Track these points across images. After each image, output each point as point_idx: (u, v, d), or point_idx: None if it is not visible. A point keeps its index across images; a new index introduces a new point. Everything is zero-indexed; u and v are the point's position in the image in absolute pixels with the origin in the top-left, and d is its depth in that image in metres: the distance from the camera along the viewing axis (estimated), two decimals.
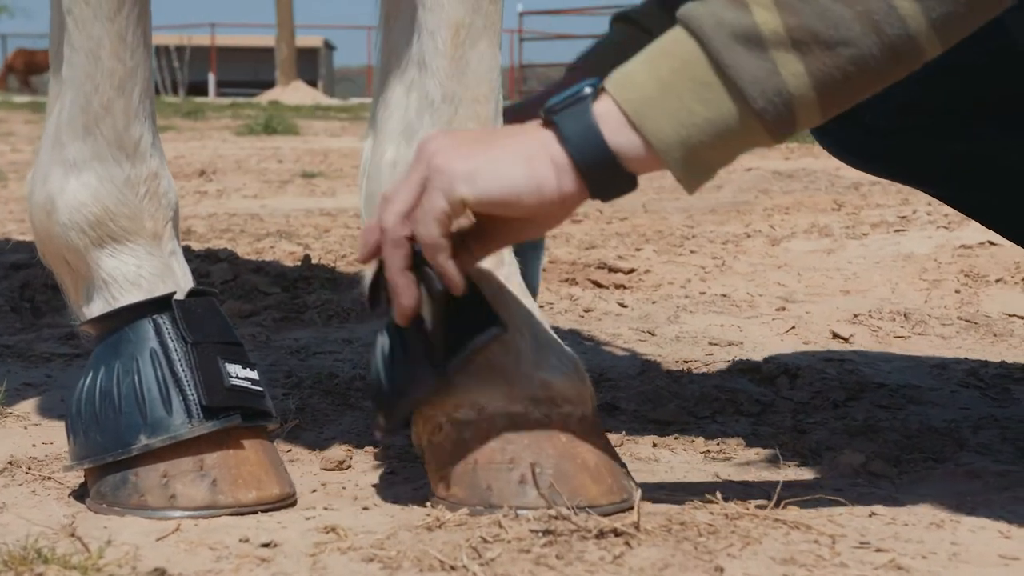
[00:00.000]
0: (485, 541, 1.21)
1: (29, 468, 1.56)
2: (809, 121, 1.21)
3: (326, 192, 5.39)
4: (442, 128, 1.42)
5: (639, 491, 1.41)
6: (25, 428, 1.80)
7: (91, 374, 1.43)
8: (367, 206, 1.49)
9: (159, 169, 1.47)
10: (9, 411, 1.87)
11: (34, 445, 1.70)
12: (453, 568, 1.15)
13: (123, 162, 1.43)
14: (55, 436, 1.74)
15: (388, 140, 1.46)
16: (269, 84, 27.28)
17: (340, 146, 8.60)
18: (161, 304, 1.43)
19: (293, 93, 22.07)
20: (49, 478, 1.53)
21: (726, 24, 1.16)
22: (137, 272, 1.45)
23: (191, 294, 1.46)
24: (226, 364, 1.42)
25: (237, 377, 1.43)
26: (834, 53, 1.17)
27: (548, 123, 1.22)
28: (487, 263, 1.41)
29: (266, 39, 32.14)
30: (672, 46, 1.19)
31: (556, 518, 1.25)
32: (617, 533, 1.23)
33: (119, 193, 1.43)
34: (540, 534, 1.23)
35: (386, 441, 1.49)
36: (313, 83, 28.75)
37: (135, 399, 1.39)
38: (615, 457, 1.42)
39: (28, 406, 1.93)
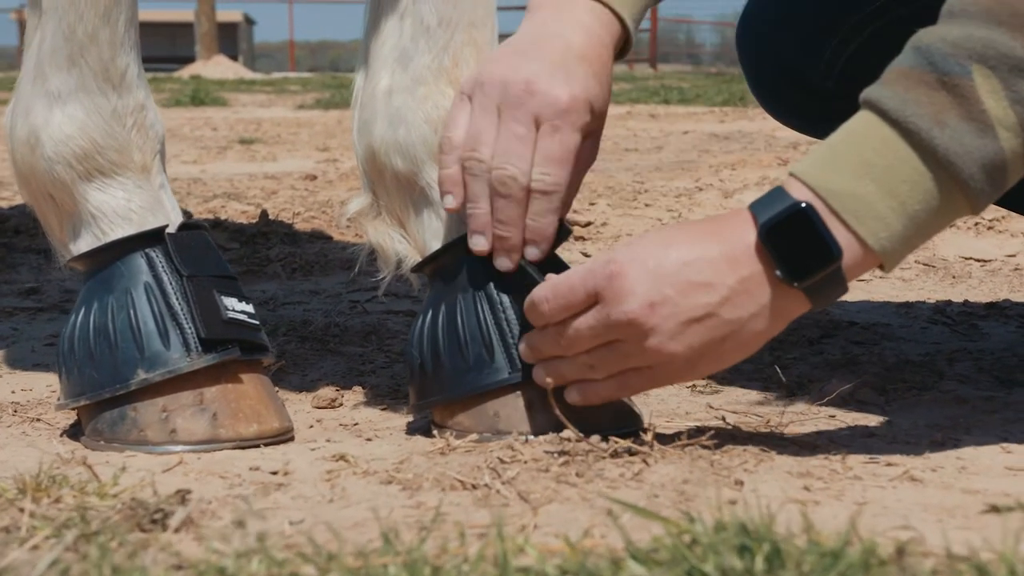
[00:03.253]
0: (502, 462, 1.20)
1: (15, 411, 1.53)
2: None
3: (267, 157, 5.32)
4: (437, 54, 1.40)
5: (642, 415, 1.41)
6: (1, 377, 1.76)
7: (83, 310, 1.40)
8: (360, 135, 1.46)
9: (145, 101, 1.44)
10: None
11: (13, 392, 1.66)
12: (475, 487, 1.14)
13: (109, 93, 1.40)
14: (33, 383, 1.70)
15: (382, 67, 1.44)
16: (189, 59, 26.88)
17: (272, 115, 8.50)
18: (154, 237, 1.40)
19: (215, 68, 21.74)
20: (38, 419, 1.49)
21: (976, 156, 1.12)
22: (127, 206, 1.41)
23: (183, 227, 1.44)
24: (222, 297, 1.40)
25: (234, 310, 1.40)
26: None
27: (796, 291, 1.19)
28: None
29: (185, 14, 31.66)
30: (910, 173, 1.14)
31: (568, 440, 1.25)
32: (632, 452, 1.23)
33: (106, 125, 1.40)
34: (556, 455, 1.22)
35: (416, 416, 1.47)
36: (234, 58, 28.37)
37: (131, 333, 1.36)
38: None
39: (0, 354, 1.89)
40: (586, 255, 2.81)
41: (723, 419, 1.49)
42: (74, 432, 1.43)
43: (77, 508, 0.99)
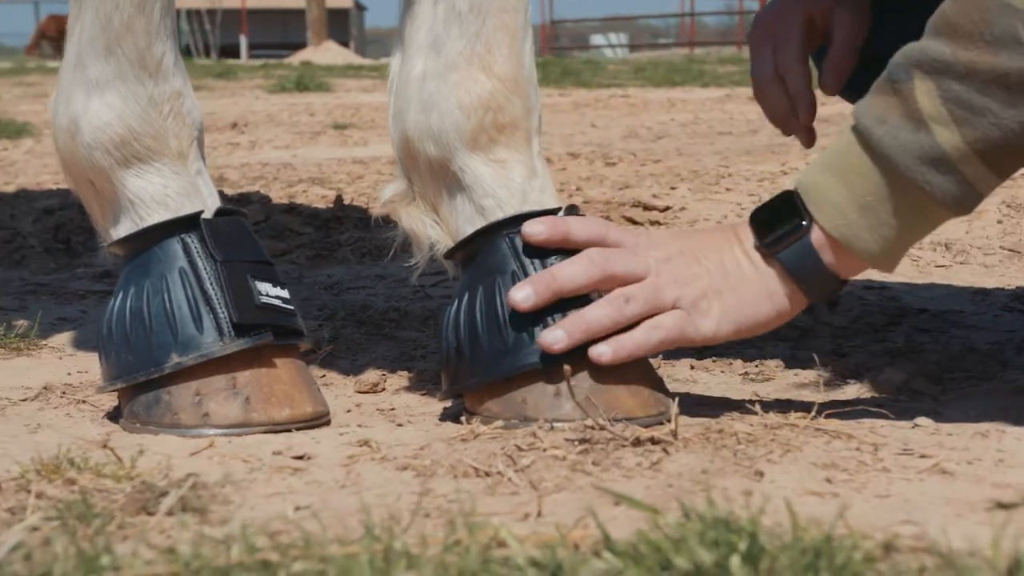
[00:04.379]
0: (520, 449, 1.19)
1: (64, 392, 1.56)
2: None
3: (358, 142, 5.36)
4: (470, 40, 1.39)
5: (676, 404, 1.39)
6: (60, 358, 1.79)
7: (121, 295, 1.42)
8: (394, 121, 1.46)
9: (182, 88, 1.45)
10: (44, 343, 1.87)
11: (69, 373, 1.69)
12: (488, 474, 1.14)
13: (146, 81, 1.41)
14: (90, 365, 1.73)
15: (416, 53, 1.43)
16: (300, 45, 27.21)
17: (372, 100, 8.56)
18: (189, 223, 1.41)
19: (324, 53, 21.99)
20: (83, 401, 1.52)
21: (910, 148, 1.26)
22: (163, 192, 1.43)
23: (219, 213, 1.45)
24: (256, 282, 1.41)
25: (267, 295, 1.41)
26: (1018, 153, 1.26)
27: (772, 258, 1.35)
28: (522, 174, 1.40)
29: (296, 1, 32.05)
30: (860, 166, 1.29)
31: (592, 428, 1.23)
32: (655, 441, 1.21)
33: (143, 112, 1.42)
34: (576, 443, 1.21)
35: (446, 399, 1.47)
36: (344, 44, 28.68)
37: (166, 318, 1.38)
38: (652, 372, 1.40)
39: (63, 339, 1.92)
40: None
41: (763, 407, 1.46)
42: (115, 415, 1.45)
43: (81, 490, 1.00)
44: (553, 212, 1.38)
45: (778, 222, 1.34)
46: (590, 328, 1.32)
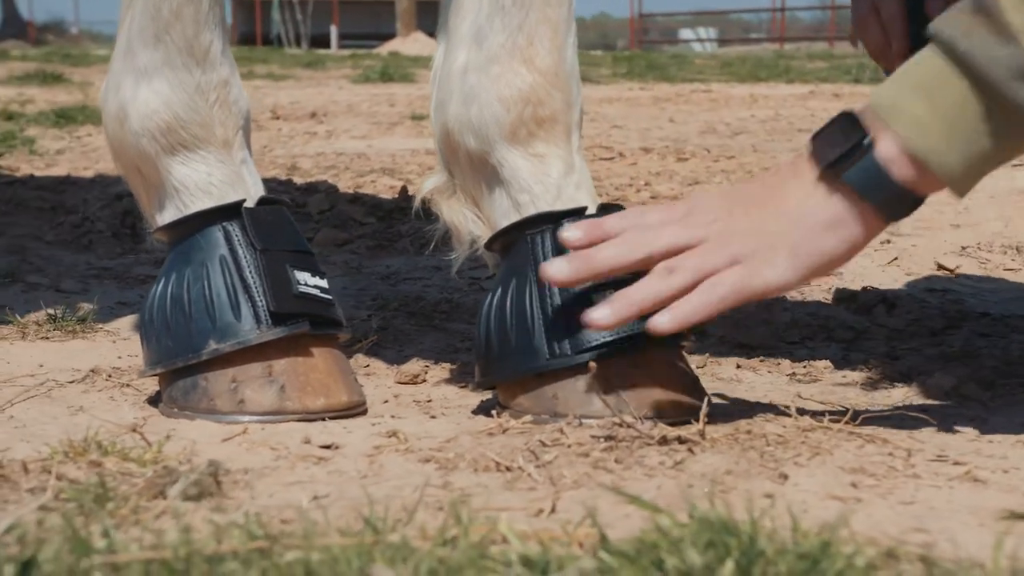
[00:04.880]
0: (544, 445, 1.19)
1: (110, 376, 1.58)
2: None
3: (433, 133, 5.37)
4: (511, 33, 1.39)
5: (706, 404, 1.38)
6: (114, 342, 1.82)
7: (162, 281, 1.44)
8: (436, 113, 1.46)
9: (230, 77, 1.46)
10: (101, 327, 1.90)
11: (119, 357, 1.72)
12: (508, 469, 1.13)
13: (193, 69, 1.43)
14: (140, 349, 1.76)
15: (459, 45, 1.43)
16: (390, 36, 27.36)
17: None
18: (231, 211, 1.43)
19: (413, 44, 22.09)
20: (128, 385, 1.54)
21: (1001, 62, 1.18)
22: (208, 180, 1.45)
23: (261, 202, 1.46)
24: (295, 271, 1.42)
25: (306, 284, 1.42)
26: None
27: (836, 182, 1.25)
28: (559, 169, 1.39)
29: None
30: (943, 79, 1.22)
31: (620, 425, 1.23)
32: (681, 441, 1.20)
33: (189, 100, 1.43)
34: (601, 439, 1.20)
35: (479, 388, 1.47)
36: (433, 35, 28.77)
37: (204, 305, 1.39)
38: (686, 370, 1.39)
39: (120, 323, 1.95)
40: None
41: (802, 409, 1.44)
42: (156, 399, 1.47)
43: (99, 474, 1.01)
44: (582, 210, 1.38)
45: (840, 142, 1.24)
46: (633, 302, 1.25)
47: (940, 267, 2.50)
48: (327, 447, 1.25)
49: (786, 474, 1.13)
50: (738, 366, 1.72)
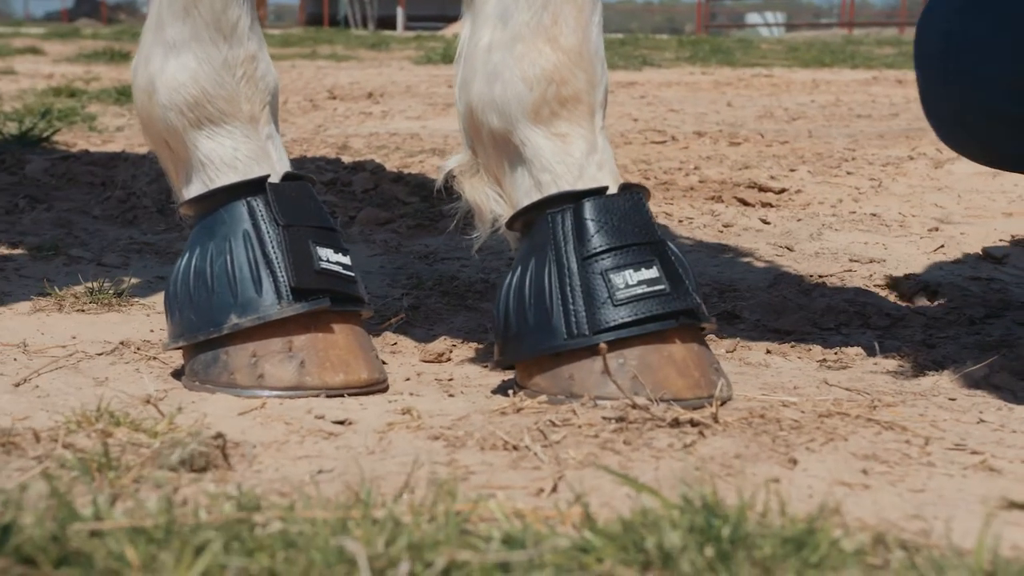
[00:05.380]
0: (554, 425, 1.19)
1: (138, 349, 1.59)
2: None
3: None
4: (536, 11, 1.38)
5: (729, 387, 1.37)
6: (148, 316, 1.84)
7: (187, 255, 1.45)
8: (460, 92, 1.46)
9: (257, 52, 1.47)
10: (137, 300, 1.91)
11: (151, 330, 1.74)
12: (515, 448, 1.13)
13: (220, 43, 1.44)
14: None
15: (484, 24, 1.43)
16: (456, 18, 27.38)
17: None
18: (255, 186, 1.43)
19: None
20: (154, 358, 1.56)
21: None
22: (233, 154, 1.45)
23: (286, 178, 1.47)
24: (317, 247, 1.42)
25: (328, 261, 1.42)
26: None
27: None
28: (582, 148, 1.38)
29: None
30: None
31: (633, 407, 1.22)
32: (693, 424, 1.19)
33: (216, 75, 1.44)
34: (612, 421, 1.19)
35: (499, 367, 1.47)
36: None
37: (227, 279, 1.40)
38: (706, 353, 1.38)
39: (157, 297, 1.97)
40: (765, 222, 2.73)
41: (822, 396, 1.43)
42: (181, 372, 1.48)
43: (103, 444, 1.02)
44: (603, 190, 1.37)
45: None
46: None
47: (987, 256, 2.46)
48: (340, 423, 1.25)
49: (796, 459, 1.12)
50: (768, 351, 1.70)
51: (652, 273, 1.34)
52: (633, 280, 1.33)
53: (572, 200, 1.36)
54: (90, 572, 0.68)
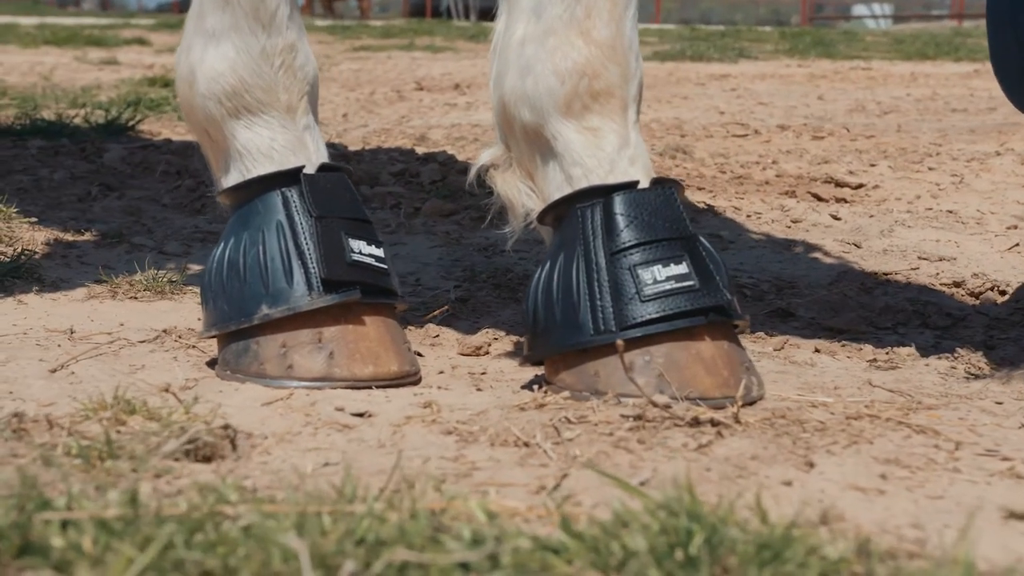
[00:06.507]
0: (569, 422, 1.17)
1: (180, 337, 1.61)
2: None
3: None
4: (569, 5, 1.36)
5: (761, 386, 1.34)
6: (198, 304, 1.85)
7: (222, 245, 1.45)
8: (494, 86, 1.45)
9: (296, 42, 1.47)
10: (190, 288, 1.93)
11: (198, 319, 1.75)
12: (527, 445, 1.12)
13: (259, 33, 1.44)
14: None
15: (519, 17, 1.41)
16: None
17: None
18: (290, 177, 1.44)
19: None
20: (194, 347, 1.57)
21: None
22: (270, 144, 1.46)
23: (323, 169, 1.47)
24: (350, 240, 1.42)
25: (360, 253, 1.42)
26: None
27: None
28: (613, 143, 1.36)
29: None
30: None
31: (652, 405, 1.20)
32: (713, 423, 1.17)
33: (254, 64, 1.44)
34: (630, 419, 1.17)
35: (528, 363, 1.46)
36: None
37: (259, 270, 1.41)
38: (737, 351, 1.35)
39: None
40: (836, 218, 2.68)
41: (858, 397, 1.39)
42: (216, 361, 1.49)
43: (107, 432, 1.03)
44: (634, 185, 1.35)
45: None
46: None
47: None
48: (359, 415, 1.25)
49: (812, 462, 1.09)
50: (816, 350, 1.67)
51: (681, 269, 1.32)
52: (662, 276, 1.31)
53: (602, 194, 1.34)
54: (46, 562, 0.68)
